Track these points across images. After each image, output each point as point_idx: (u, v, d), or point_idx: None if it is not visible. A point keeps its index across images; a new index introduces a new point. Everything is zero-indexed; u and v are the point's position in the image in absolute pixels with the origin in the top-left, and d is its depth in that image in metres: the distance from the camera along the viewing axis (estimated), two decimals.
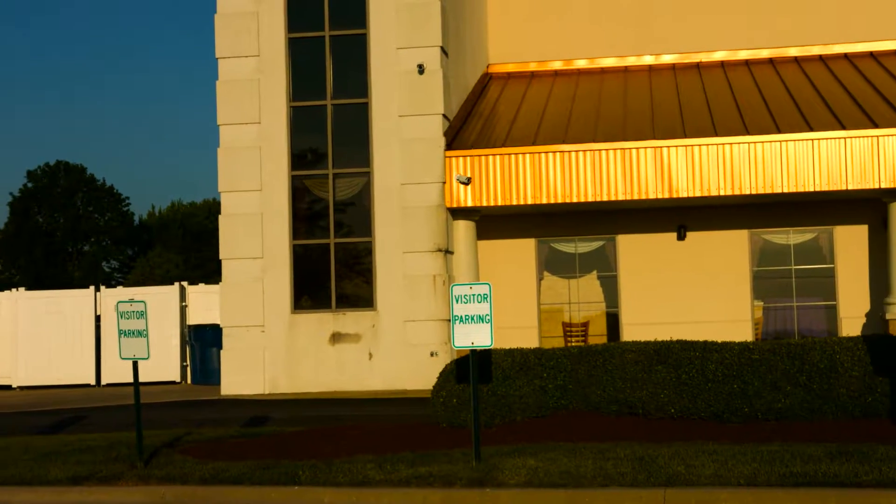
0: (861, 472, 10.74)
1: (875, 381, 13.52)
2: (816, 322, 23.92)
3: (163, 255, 66.56)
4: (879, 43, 26.65)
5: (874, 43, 26.68)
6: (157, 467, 12.53)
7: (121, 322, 12.86)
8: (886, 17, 26.65)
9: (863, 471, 10.76)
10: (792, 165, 21.33)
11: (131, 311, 12.86)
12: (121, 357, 12.96)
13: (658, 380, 14.08)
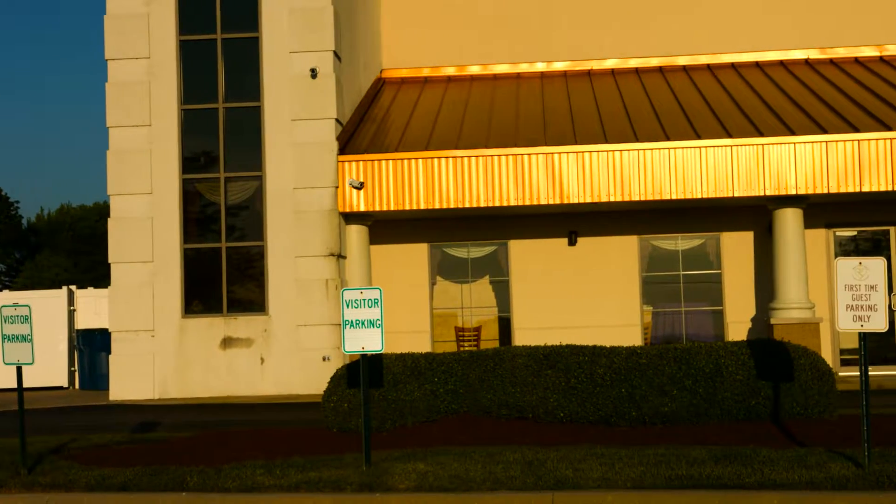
0: (744, 474, 10.97)
1: (758, 384, 13.83)
2: (704, 327, 24.40)
3: (51, 259, 65.14)
4: (764, 53, 27.32)
5: (760, 53, 27.34)
6: (41, 474, 12.26)
7: (5, 327, 12.58)
8: (770, 28, 27.32)
9: (746, 473, 11.00)
10: (680, 172, 21.72)
11: (15, 316, 12.59)
12: (4, 362, 12.68)
13: (548, 384, 14.22)
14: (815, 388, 13.83)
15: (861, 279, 11.39)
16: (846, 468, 11.05)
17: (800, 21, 27.35)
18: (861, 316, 11.37)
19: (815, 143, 21.47)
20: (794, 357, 13.88)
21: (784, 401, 13.77)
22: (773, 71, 26.70)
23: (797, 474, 10.87)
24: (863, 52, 27.20)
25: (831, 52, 27.32)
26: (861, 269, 11.41)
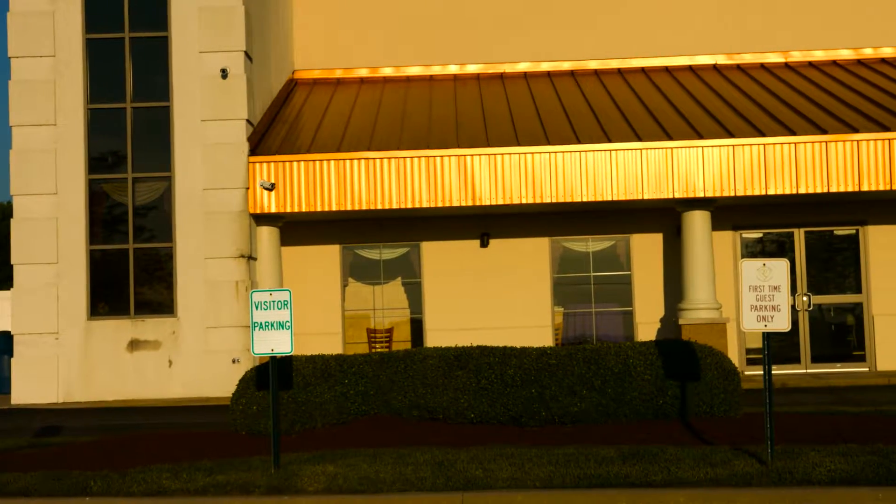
0: (651, 472, 11.09)
1: (666, 384, 13.98)
2: (614, 327, 24.64)
3: None
4: (674, 58, 27.70)
5: (669, 58, 27.72)
6: None
7: None
8: (680, 34, 27.71)
9: (653, 471, 11.11)
10: (591, 175, 21.91)
11: None
12: None
13: (458, 385, 14.23)
14: (720, 388, 14.02)
15: (765, 280, 11.58)
16: (750, 465, 11.22)
17: (708, 27, 27.77)
18: (765, 316, 11.56)
19: (723, 146, 21.80)
20: (701, 357, 14.06)
21: (691, 400, 13.94)
22: (683, 76, 27.08)
23: (703, 472, 11.01)
24: (769, 59, 27.71)
25: (738, 57, 27.78)
26: (765, 270, 11.60)
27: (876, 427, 13.57)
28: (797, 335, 23.96)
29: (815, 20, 27.68)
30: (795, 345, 23.99)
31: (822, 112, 23.32)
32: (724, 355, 14.46)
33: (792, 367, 23.84)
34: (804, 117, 22.95)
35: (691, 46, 27.77)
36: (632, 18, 27.88)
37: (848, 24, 27.62)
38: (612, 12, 27.94)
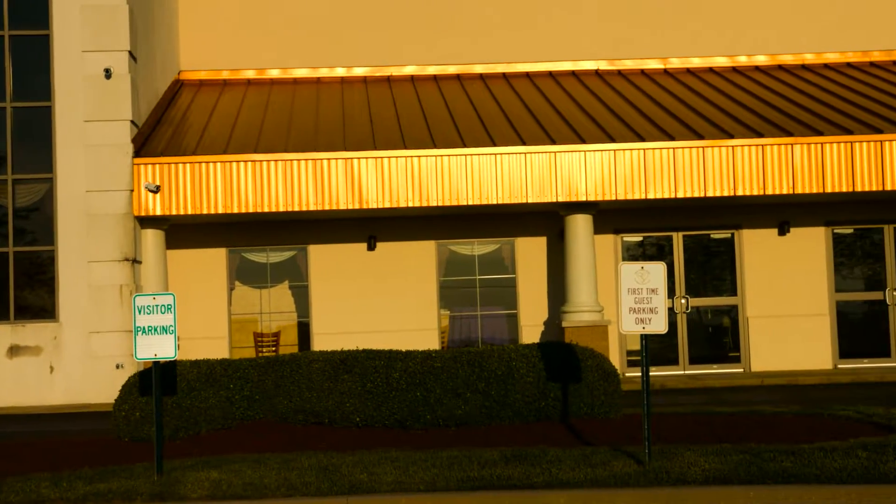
0: (533, 474, 11.32)
1: (548, 386, 14.26)
2: (499, 330, 24.94)
3: None
4: (557, 63, 28.16)
5: (553, 63, 28.16)
6: None
7: None
8: (562, 39, 28.16)
9: (535, 473, 11.35)
10: (477, 179, 22.16)
11: None
12: None
13: (344, 389, 14.32)
14: (601, 389, 14.35)
15: (643, 283, 11.90)
16: (629, 466, 11.53)
17: (590, 33, 28.28)
18: (643, 318, 11.88)
19: (605, 151, 22.24)
20: (582, 359, 14.37)
21: (572, 402, 14.24)
22: (566, 81, 27.53)
23: (583, 473, 11.28)
24: (649, 65, 28.33)
25: (620, 63, 28.35)
26: (643, 273, 11.92)
27: (749, 426, 14.03)
28: (676, 337, 24.56)
29: (693, 28, 28.39)
30: (674, 346, 24.58)
31: (699, 118, 23.94)
32: (604, 357, 14.80)
33: (671, 368, 24.43)
34: (683, 123, 23.54)
35: (574, 52, 28.25)
36: (516, 24, 28.25)
37: (723, 32, 28.38)
38: (497, 18, 28.27)
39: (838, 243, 25.00)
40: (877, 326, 24.83)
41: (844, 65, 28.37)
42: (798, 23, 28.45)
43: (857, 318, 25.21)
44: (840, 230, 24.99)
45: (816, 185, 22.22)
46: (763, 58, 28.50)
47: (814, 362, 24.43)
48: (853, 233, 25.18)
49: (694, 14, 28.44)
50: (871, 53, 28.55)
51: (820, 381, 22.55)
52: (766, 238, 24.79)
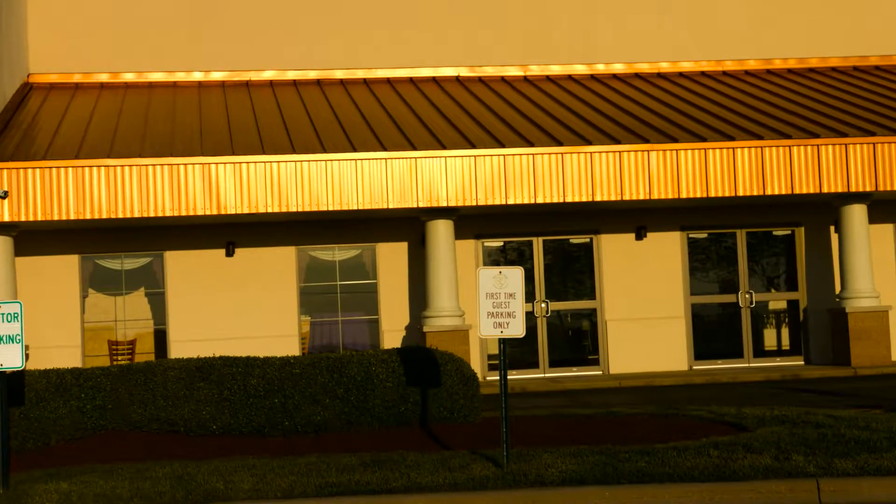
0: (391, 478, 11.26)
1: (408, 391, 14.22)
2: (360, 336, 24.82)
3: None
4: (418, 69, 28.21)
5: (413, 69, 28.21)
6: None
7: None
8: (422, 45, 28.23)
9: (393, 477, 11.28)
10: (337, 184, 22.01)
11: None
12: None
13: (201, 397, 14.04)
14: (460, 393, 14.37)
15: (501, 288, 11.95)
16: (487, 469, 11.55)
17: (450, 39, 28.40)
18: (501, 323, 11.93)
19: (465, 157, 22.32)
20: (442, 363, 14.37)
21: (432, 406, 14.22)
22: (426, 87, 27.59)
23: (441, 477, 11.25)
24: (508, 72, 28.59)
25: (480, 70, 28.54)
26: (501, 278, 11.97)
27: (606, 428, 14.22)
28: (536, 341, 24.80)
29: (552, 36, 28.72)
30: (535, 350, 24.81)
31: (558, 125, 24.22)
32: (464, 362, 14.82)
33: (531, 371, 24.65)
34: (542, 130, 23.79)
35: (435, 58, 28.34)
36: (376, 29, 28.21)
37: (581, 40, 28.79)
38: (357, 22, 28.19)
39: (693, 248, 25.57)
40: (730, 328, 25.47)
41: (699, 73, 29.07)
42: (654, 32, 29.04)
43: (712, 321, 25.83)
44: (695, 235, 25.57)
45: (672, 191, 22.68)
46: (620, 66, 29.01)
47: (670, 364, 24.92)
48: (707, 237, 25.79)
49: (552, 22, 28.78)
50: (723, 63, 29.31)
51: (676, 382, 23.02)
52: (624, 243, 25.20)
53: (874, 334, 23.43)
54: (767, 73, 29.06)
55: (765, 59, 29.36)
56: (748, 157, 22.73)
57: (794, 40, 29.32)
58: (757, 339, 25.48)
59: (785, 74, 28.96)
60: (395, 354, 14.48)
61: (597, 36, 28.88)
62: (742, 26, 29.23)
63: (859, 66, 29.40)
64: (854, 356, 23.39)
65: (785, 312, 25.92)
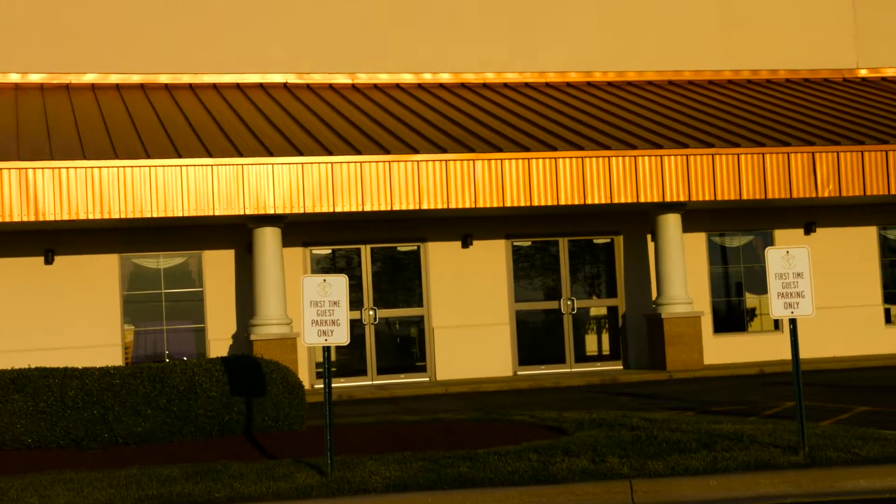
0: (214, 489, 11.15)
1: (233, 400, 14.10)
2: (187, 345, 24.45)
3: None
4: (246, 76, 27.99)
5: (241, 75, 27.98)
6: None
7: None
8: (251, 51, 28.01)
9: (216, 488, 11.18)
10: (162, 191, 21.65)
11: None
12: None
13: (15, 409, 13.62)
14: (286, 402, 14.32)
15: (325, 296, 11.97)
16: (311, 477, 11.55)
17: (279, 45, 28.24)
18: (325, 331, 11.96)
19: (293, 164, 22.24)
20: (267, 372, 14.30)
21: (257, 415, 14.14)
22: (254, 93, 27.39)
23: (265, 486, 11.21)
24: (337, 80, 28.61)
25: (308, 77, 28.48)
26: (325, 286, 12.00)
27: (431, 434, 14.38)
28: (364, 348, 24.88)
29: (376, 45, 28.84)
30: (363, 358, 24.89)
31: (386, 133, 24.36)
32: (289, 370, 14.77)
33: (359, 379, 24.71)
34: (370, 138, 23.89)
35: (263, 64, 28.16)
36: (203, 33, 27.85)
37: (409, 49, 29.02)
38: (184, 25, 27.78)
39: (518, 255, 26.07)
40: (553, 334, 26.04)
41: (523, 85, 29.64)
42: (480, 44, 29.47)
43: (536, 327, 26.37)
44: (519, 243, 26.07)
45: (497, 200, 23.07)
46: (447, 76, 29.36)
47: (496, 370, 25.32)
48: (532, 245, 26.33)
49: (379, 31, 28.91)
50: (546, 75, 29.96)
51: (501, 387, 23.43)
52: (451, 250, 25.51)
53: (687, 339, 24.33)
54: (588, 86, 29.85)
55: (585, 72, 30.14)
56: (570, 167, 23.30)
57: (612, 54, 30.18)
58: (579, 345, 26.13)
59: (605, 87, 29.81)
60: (219, 363, 14.34)
61: (423, 45, 29.14)
62: (563, 40, 29.92)
63: (674, 81, 30.47)
64: (669, 360, 24.23)
65: (605, 318, 26.65)
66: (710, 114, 27.22)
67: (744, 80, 30.89)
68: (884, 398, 17.80)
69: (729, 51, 30.78)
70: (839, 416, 15.03)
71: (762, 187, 24.06)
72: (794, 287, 11.89)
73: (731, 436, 12.81)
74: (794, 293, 11.89)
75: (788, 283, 11.89)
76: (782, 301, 11.91)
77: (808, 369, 22.95)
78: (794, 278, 11.90)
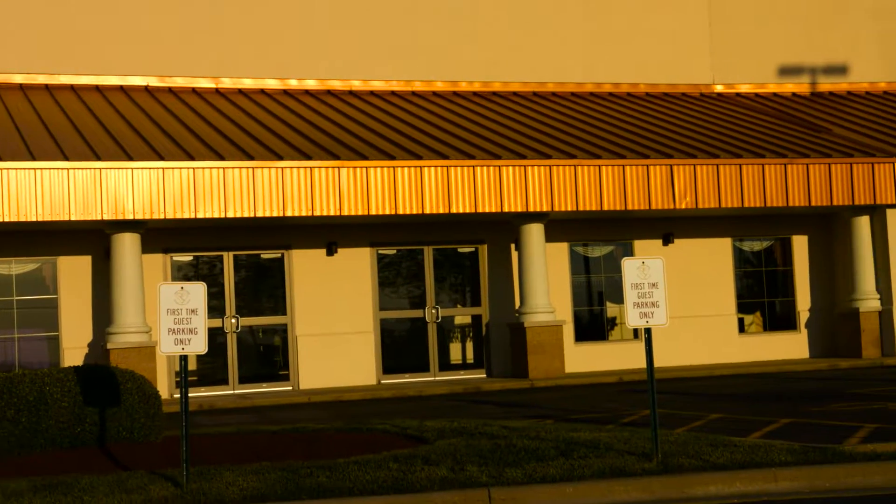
0: (64, 503, 10.84)
1: (85, 411, 13.74)
2: (39, 354, 23.75)
3: None
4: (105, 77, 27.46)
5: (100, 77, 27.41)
6: None
7: None
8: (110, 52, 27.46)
9: (66, 502, 10.87)
10: (14, 194, 21.03)
11: None
12: None
13: None
14: (141, 412, 14.02)
15: (183, 303, 11.75)
16: (166, 489, 11.31)
17: (139, 47, 27.71)
18: (182, 339, 11.73)
19: (153, 169, 21.83)
20: (122, 382, 13.97)
21: (111, 426, 13.81)
22: (114, 96, 26.82)
23: (117, 499, 10.93)
24: (200, 84, 28.20)
25: (170, 80, 28.01)
26: (183, 293, 11.78)
27: (291, 444, 14.25)
28: (226, 357, 24.54)
29: (244, 49, 28.55)
30: (224, 366, 24.54)
31: (250, 139, 24.10)
32: (145, 379, 14.47)
33: (221, 388, 24.36)
34: (234, 144, 23.60)
35: (123, 66, 27.58)
36: (61, 32, 27.15)
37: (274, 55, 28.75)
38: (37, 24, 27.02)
39: (383, 263, 26.04)
40: (418, 343, 26.07)
41: (389, 93, 29.66)
42: (346, 50, 29.38)
43: (401, 335, 26.38)
44: (385, 251, 26.04)
45: (362, 208, 23.02)
46: (313, 82, 29.20)
47: (359, 379, 25.23)
48: (397, 253, 26.33)
49: (245, 35, 28.61)
50: (413, 83, 30.02)
51: (364, 396, 23.35)
52: (316, 258, 25.34)
53: (549, 348, 24.61)
54: (454, 95, 30.02)
55: (452, 82, 30.30)
56: (435, 176, 23.39)
57: (478, 65, 30.39)
58: (443, 354, 26.22)
59: (470, 97, 30.02)
60: (71, 373, 13.95)
61: (289, 51, 28.93)
62: (430, 49, 30.03)
63: (538, 92, 30.85)
64: (531, 369, 24.48)
65: (470, 327, 26.80)
66: (573, 125, 27.64)
67: (606, 93, 31.44)
68: (735, 405, 18.28)
69: (593, 64, 31.30)
70: (693, 424, 15.37)
71: (623, 198, 24.50)
72: (650, 297, 12.11)
73: (588, 443, 12.98)
74: (649, 303, 12.11)
75: (644, 293, 12.11)
76: (638, 311, 12.12)
77: (665, 377, 23.50)
78: (650, 288, 12.12)
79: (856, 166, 25.90)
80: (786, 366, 26.21)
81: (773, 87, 32.71)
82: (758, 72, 32.64)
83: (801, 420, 15.55)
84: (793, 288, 28.27)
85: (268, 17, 28.85)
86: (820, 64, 32.90)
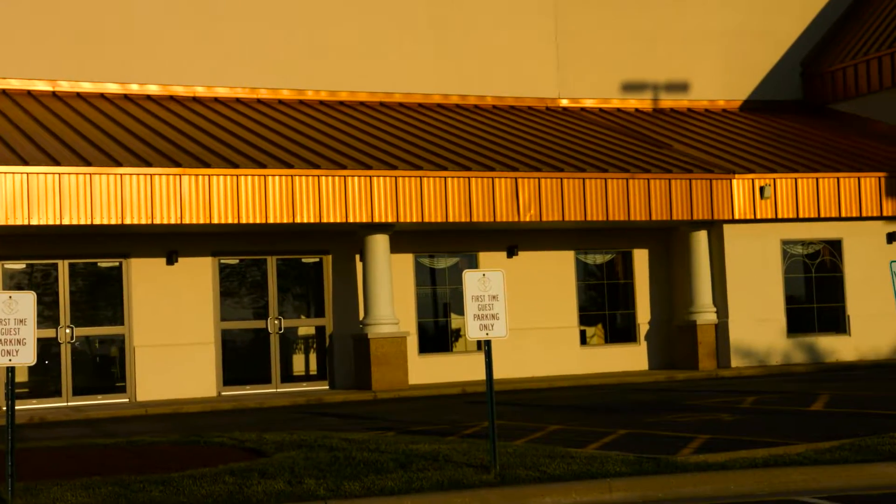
0: None
1: None
2: None
3: None
4: None
5: None
6: None
7: None
8: None
9: None
10: None
11: None
12: None
13: None
14: None
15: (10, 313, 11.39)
16: None
17: None
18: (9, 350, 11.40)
19: None
20: None
21: None
22: None
23: None
24: (36, 86, 27.33)
25: (4, 82, 27.08)
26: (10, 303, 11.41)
27: (125, 457, 13.91)
28: (59, 368, 23.78)
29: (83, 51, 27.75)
30: (58, 378, 23.79)
31: (88, 144, 23.46)
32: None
33: (53, 400, 23.60)
34: (70, 148, 22.93)
35: None
36: None
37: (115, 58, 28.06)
38: None
39: (225, 273, 25.61)
40: (260, 354, 25.71)
41: (234, 100, 29.23)
42: (190, 56, 28.85)
43: (243, 346, 25.99)
44: (227, 260, 25.61)
45: (204, 217, 22.62)
46: (155, 87, 28.60)
47: (199, 390, 24.75)
48: (240, 263, 25.94)
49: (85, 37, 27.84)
50: (258, 91, 29.65)
51: (204, 408, 22.92)
52: (155, 267, 24.77)
53: (393, 359, 24.57)
54: (300, 104, 29.77)
55: (298, 90, 30.03)
56: (279, 185, 23.14)
57: (325, 74, 30.19)
58: (286, 365, 25.93)
59: (317, 106, 29.82)
60: None
61: (131, 54, 28.25)
62: (275, 57, 29.71)
63: (385, 102, 30.81)
64: (375, 380, 24.40)
65: (313, 338, 26.58)
66: (419, 136, 27.70)
67: (453, 104, 31.61)
68: (575, 416, 18.52)
69: (441, 76, 31.44)
70: (533, 435, 15.49)
71: (468, 211, 24.64)
72: (490, 309, 12.16)
73: (427, 455, 12.95)
74: (489, 315, 12.15)
75: (484, 306, 12.15)
76: (478, 323, 12.15)
77: (508, 389, 23.70)
78: (490, 301, 12.17)
79: (695, 182, 26.60)
80: (626, 377, 26.72)
81: (617, 103, 33.38)
82: (602, 87, 33.26)
83: (637, 431, 15.83)
84: (633, 301, 28.85)
85: (109, 18, 28.11)
86: (662, 81, 33.72)
